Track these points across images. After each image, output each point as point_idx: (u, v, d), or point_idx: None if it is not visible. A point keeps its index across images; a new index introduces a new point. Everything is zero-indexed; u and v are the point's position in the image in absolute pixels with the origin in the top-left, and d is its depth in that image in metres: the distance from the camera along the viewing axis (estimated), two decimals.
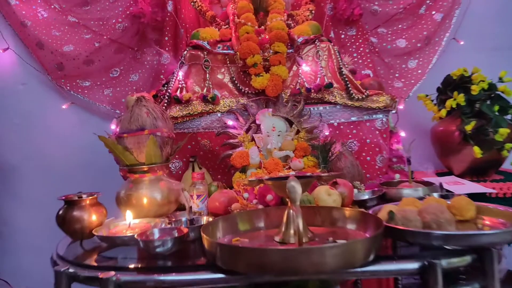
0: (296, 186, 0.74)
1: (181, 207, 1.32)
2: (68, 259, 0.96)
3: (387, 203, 1.24)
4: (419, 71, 2.20)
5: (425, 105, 1.98)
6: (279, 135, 1.48)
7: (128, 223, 1.09)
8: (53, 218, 1.12)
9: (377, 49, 2.20)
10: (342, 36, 2.13)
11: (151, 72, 2.19)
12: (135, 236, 0.94)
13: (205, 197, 1.30)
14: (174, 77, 1.65)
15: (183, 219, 1.11)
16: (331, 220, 1.02)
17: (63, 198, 1.14)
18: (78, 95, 2.14)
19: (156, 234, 0.98)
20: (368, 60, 2.08)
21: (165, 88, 1.66)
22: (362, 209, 1.08)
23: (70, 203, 1.13)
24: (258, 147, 1.48)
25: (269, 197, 1.17)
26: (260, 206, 1.18)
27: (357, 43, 2.14)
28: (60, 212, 1.13)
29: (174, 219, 1.16)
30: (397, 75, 2.19)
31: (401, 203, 1.09)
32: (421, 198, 1.11)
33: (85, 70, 2.14)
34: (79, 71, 2.13)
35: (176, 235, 0.96)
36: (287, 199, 0.95)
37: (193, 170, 1.60)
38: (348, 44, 2.13)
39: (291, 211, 0.93)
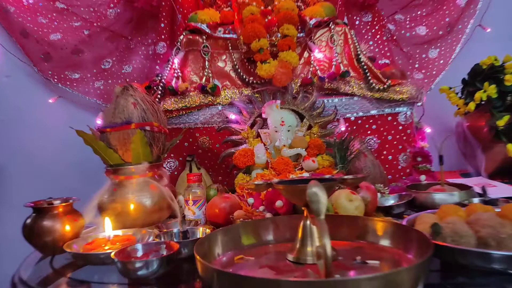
0: (320, 194, 0.55)
1: (175, 214, 1.12)
2: (30, 284, 0.77)
3: (418, 210, 1.05)
4: (441, 61, 2.00)
5: (448, 98, 1.76)
6: (288, 131, 1.28)
7: (108, 235, 0.90)
8: None
9: (395, 37, 1.99)
10: (357, 22, 1.92)
11: (146, 62, 2.01)
12: (112, 254, 0.74)
13: (203, 202, 1.11)
14: (169, 65, 1.46)
15: (175, 230, 0.91)
16: (357, 232, 0.82)
17: (31, 205, 0.95)
18: (66, 88, 1.95)
19: (139, 251, 0.78)
20: (386, 49, 1.87)
21: (159, 78, 1.46)
22: (395, 220, 0.88)
23: (40, 211, 0.94)
24: (264, 145, 1.28)
25: (278, 203, 0.97)
26: (268, 215, 0.98)
27: (373, 30, 1.93)
28: (27, 221, 0.93)
29: (165, 230, 0.97)
30: (417, 65, 1.99)
31: (440, 211, 0.88)
32: (460, 205, 0.91)
33: (74, 61, 1.95)
34: (68, 62, 1.94)
35: (165, 253, 0.77)
36: (302, 208, 0.75)
37: (190, 170, 1.42)
38: (363, 31, 1.92)
39: (308, 223, 0.73)
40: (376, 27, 1.92)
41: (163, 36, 1.89)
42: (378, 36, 1.93)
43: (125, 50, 2.06)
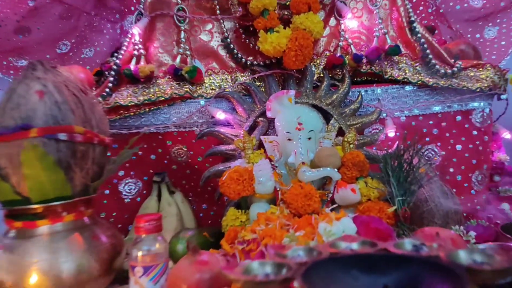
0: None
1: (124, 273, 0.65)
2: None
3: None
4: (502, 43, 1.52)
5: None
6: (309, 139, 0.80)
7: None
8: None
9: (441, 10, 1.50)
10: None
11: (111, 44, 1.54)
12: None
13: (162, 269, 0.61)
14: (127, 40, 0.97)
15: None
16: None
17: None
18: (9, 78, 1.48)
19: None
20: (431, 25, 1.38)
21: (114, 59, 0.98)
22: None
23: None
24: (270, 161, 0.79)
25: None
26: None
27: (414, 0, 1.43)
28: None
29: None
30: None
31: None
32: None
33: (19, 42, 1.49)
34: (10, 44, 1.47)
35: None
36: None
37: (159, 195, 0.94)
38: None
39: None
40: None
41: (132, 8, 1.40)
42: (421, 8, 1.44)
43: (87, 30, 1.61)
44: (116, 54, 1.01)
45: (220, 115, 0.90)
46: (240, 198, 0.76)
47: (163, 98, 0.91)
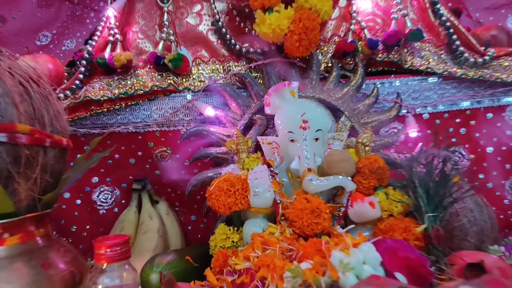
0: None
1: None
2: None
3: None
4: None
5: None
6: (317, 139, 0.65)
7: None
8: None
9: None
10: None
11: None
12: None
13: None
14: (102, 24, 0.83)
15: None
16: None
17: None
18: None
19: None
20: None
21: (87, 47, 0.83)
22: None
23: None
24: (269, 166, 0.65)
25: None
26: None
27: None
28: None
29: None
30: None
31: None
32: None
33: None
34: None
35: None
36: None
37: (139, 205, 0.81)
38: None
39: None
40: None
41: None
42: None
43: (69, 19, 1.48)
44: (90, 41, 0.86)
45: (210, 112, 0.76)
46: (231, 213, 0.62)
47: (142, 92, 0.77)
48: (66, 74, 0.92)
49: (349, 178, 0.61)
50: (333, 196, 0.64)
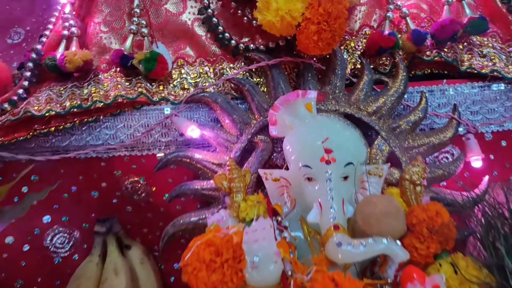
0: None
1: None
2: None
3: None
4: None
5: None
6: (345, 178, 0.44)
7: None
8: None
9: None
10: None
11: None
12: None
13: None
14: (56, 14, 0.65)
15: None
16: None
17: None
18: None
19: None
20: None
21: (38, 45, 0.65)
22: None
23: None
24: (275, 214, 0.44)
25: None
26: None
27: None
28: None
29: None
30: None
31: None
32: None
33: None
34: None
35: None
36: None
37: (102, 255, 0.61)
38: None
39: None
40: None
41: None
42: None
43: (45, 13, 1.31)
44: (41, 38, 0.67)
45: (194, 132, 0.56)
46: None
47: (102, 104, 0.57)
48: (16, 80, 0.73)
49: (398, 241, 0.40)
50: (371, 265, 0.43)
